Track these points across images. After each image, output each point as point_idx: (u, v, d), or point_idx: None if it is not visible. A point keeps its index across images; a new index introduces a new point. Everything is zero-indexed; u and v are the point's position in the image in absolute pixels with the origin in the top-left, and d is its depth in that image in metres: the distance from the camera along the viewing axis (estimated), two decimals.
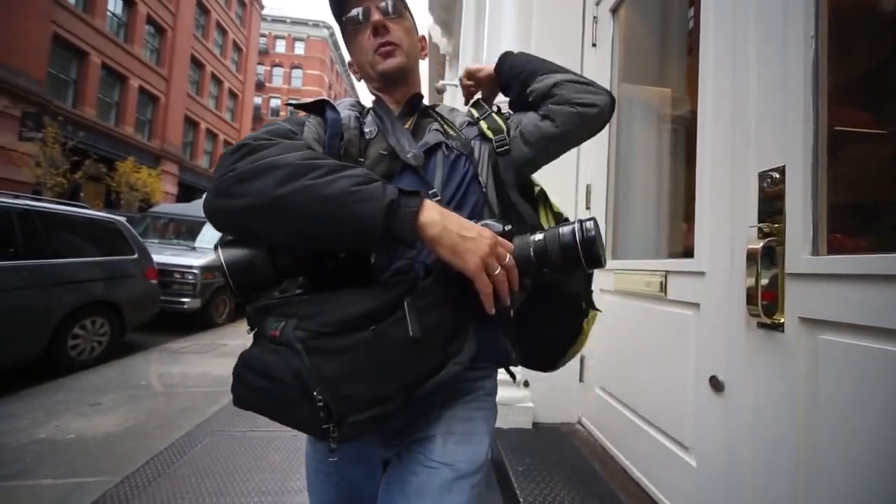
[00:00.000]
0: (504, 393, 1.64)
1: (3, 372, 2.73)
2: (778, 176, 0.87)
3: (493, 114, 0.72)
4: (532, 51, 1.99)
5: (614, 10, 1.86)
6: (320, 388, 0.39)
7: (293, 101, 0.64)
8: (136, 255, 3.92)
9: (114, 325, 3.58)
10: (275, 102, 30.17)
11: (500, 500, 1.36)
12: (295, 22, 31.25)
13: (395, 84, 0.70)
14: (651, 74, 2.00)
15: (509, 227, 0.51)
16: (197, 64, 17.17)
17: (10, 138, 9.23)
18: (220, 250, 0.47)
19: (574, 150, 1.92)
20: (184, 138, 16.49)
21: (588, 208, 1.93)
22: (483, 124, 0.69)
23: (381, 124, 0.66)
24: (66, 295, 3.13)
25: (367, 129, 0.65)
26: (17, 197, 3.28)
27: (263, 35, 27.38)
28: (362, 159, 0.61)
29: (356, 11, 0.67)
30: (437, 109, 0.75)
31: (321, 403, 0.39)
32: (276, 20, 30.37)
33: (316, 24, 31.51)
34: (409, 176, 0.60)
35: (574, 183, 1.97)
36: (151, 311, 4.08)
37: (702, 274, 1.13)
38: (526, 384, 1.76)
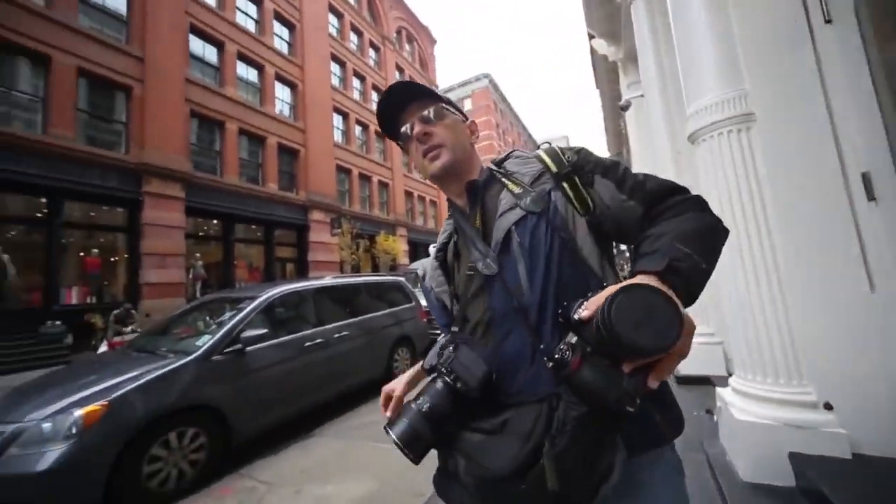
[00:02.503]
0: (796, 415, 1.59)
1: (363, 387, 4.47)
2: None
3: (572, 175, 0.68)
4: (738, 44, 1.91)
5: None
6: None
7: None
8: (413, 303, 5.63)
9: (413, 353, 5.23)
10: None
11: None
12: (461, 85, 36.56)
13: (451, 180, 0.74)
14: None
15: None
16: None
17: (325, 236, 14.82)
18: (389, 431, 0.57)
19: (829, 131, 1.70)
20: (406, 206, 21.79)
21: (873, 199, 1.64)
22: (567, 190, 0.68)
23: (458, 235, 0.74)
24: (390, 334, 4.88)
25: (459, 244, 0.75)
26: (354, 276, 5.41)
27: None
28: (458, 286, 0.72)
29: (404, 129, 0.73)
30: (506, 164, 0.76)
31: None
32: (446, 92, 36.50)
33: (477, 78, 35.82)
34: (496, 288, 0.65)
35: (839, 171, 1.71)
36: (427, 341, 5.68)
37: None
38: (828, 406, 1.60)
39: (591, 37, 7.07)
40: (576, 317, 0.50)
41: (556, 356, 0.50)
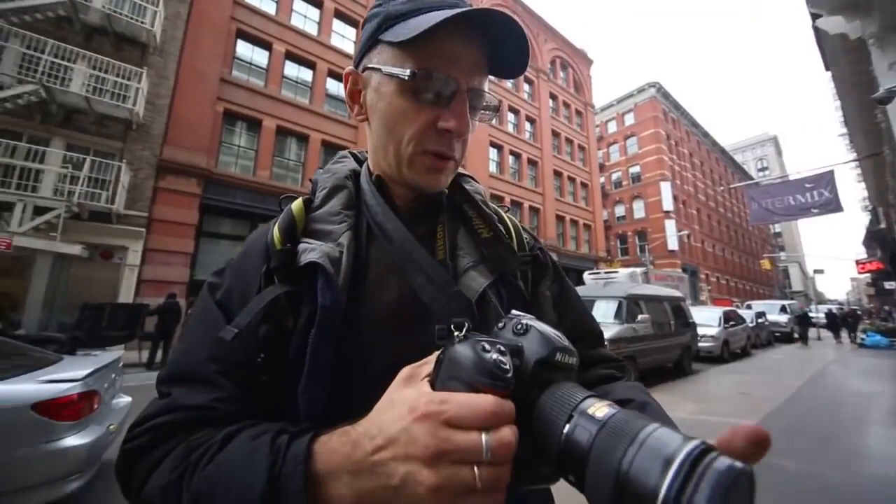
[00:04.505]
0: None
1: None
2: None
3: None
4: None
5: None
6: None
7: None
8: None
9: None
10: (615, 176, 32.63)
11: None
12: (621, 100, 33.65)
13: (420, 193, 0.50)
14: None
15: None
16: (557, 174, 22.33)
17: None
18: None
19: None
20: (557, 231, 21.24)
21: None
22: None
23: (388, 244, 0.45)
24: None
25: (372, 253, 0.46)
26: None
27: (597, 125, 31.46)
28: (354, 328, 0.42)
29: (445, 78, 0.42)
30: (472, 192, 0.55)
31: None
32: (604, 109, 34.20)
33: (641, 90, 32.32)
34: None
35: None
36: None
37: None
38: None
39: (815, 16, 5.54)
40: None
41: None
